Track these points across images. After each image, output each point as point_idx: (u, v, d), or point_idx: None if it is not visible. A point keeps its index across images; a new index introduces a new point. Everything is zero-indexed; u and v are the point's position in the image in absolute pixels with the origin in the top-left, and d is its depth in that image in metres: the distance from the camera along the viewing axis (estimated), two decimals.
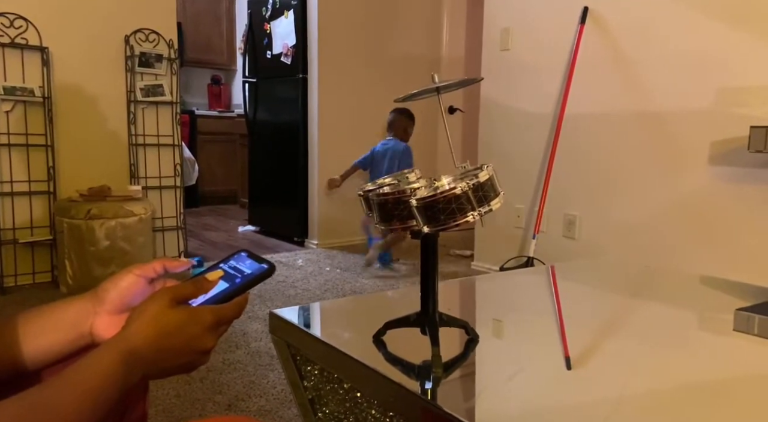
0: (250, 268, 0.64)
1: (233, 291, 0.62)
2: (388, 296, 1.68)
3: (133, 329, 0.56)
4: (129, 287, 0.63)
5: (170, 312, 0.57)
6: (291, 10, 3.97)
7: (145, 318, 0.56)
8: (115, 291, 0.62)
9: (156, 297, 0.58)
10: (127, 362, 0.54)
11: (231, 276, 0.63)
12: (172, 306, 0.57)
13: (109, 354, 0.54)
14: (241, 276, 0.63)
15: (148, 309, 0.57)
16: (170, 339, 0.56)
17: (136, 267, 0.64)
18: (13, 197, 2.86)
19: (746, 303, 1.20)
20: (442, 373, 0.82)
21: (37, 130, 2.89)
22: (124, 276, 0.63)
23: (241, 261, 0.65)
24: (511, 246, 3.23)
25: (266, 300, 2.74)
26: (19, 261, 2.90)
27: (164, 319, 0.56)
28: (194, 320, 0.57)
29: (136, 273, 0.63)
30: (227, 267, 0.64)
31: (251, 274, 0.63)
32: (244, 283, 0.62)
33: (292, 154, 4.12)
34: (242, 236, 4.41)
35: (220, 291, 0.62)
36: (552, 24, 2.99)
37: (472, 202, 0.76)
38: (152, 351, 0.56)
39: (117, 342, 0.55)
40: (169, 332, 0.56)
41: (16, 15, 2.79)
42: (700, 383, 0.84)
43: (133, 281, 0.63)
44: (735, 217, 2.33)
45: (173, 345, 0.56)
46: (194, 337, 0.57)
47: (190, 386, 1.82)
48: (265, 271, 0.63)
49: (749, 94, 2.25)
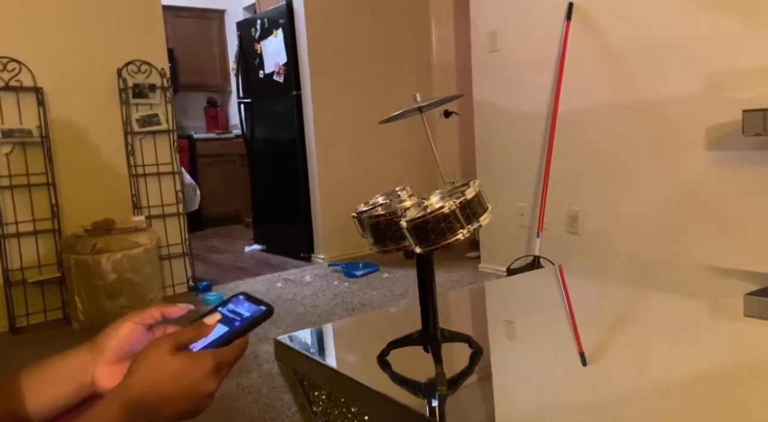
0: (249, 311, 0.64)
1: (233, 335, 0.62)
2: (390, 313, 1.69)
3: (135, 378, 0.57)
4: (127, 335, 0.63)
5: (171, 358, 0.58)
6: (279, 28, 4.00)
7: (146, 366, 0.57)
8: (114, 340, 0.63)
9: (156, 344, 0.59)
10: (130, 412, 0.55)
11: (230, 319, 0.64)
12: (172, 353, 0.58)
13: (111, 406, 0.54)
14: (240, 319, 0.64)
15: (149, 357, 0.58)
16: (172, 386, 0.57)
17: (134, 314, 0.64)
18: (19, 238, 2.88)
19: (753, 289, 1.19)
20: (447, 391, 0.83)
21: (38, 170, 2.92)
22: (123, 324, 0.64)
23: (240, 305, 0.65)
24: (516, 245, 3.23)
25: (276, 320, 2.75)
26: (30, 300, 2.92)
27: (165, 366, 0.57)
28: (195, 365, 0.58)
29: (134, 321, 0.64)
30: (226, 310, 0.65)
31: (250, 317, 0.64)
32: (243, 326, 0.63)
33: (292, 170, 4.14)
34: (249, 256, 4.43)
35: (219, 336, 0.62)
36: (539, 22, 3.00)
37: (460, 219, 0.77)
38: (154, 398, 0.56)
39: (119, 392, 0.56)
40: (171, 379, 0.57)
41: (8, 58, 2.83)
42: (718, 372, 0.84)
43: (132, 329, 0.64)
44: (735, 201, 2.33)
45: (175, 392, 0.57)
46: (196, 382, 0.58)
47: (206, 413, 1.82)
48: (263, 313, 0.64)
49: (739, 78, 2.25)
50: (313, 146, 3.97)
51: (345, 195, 3.95)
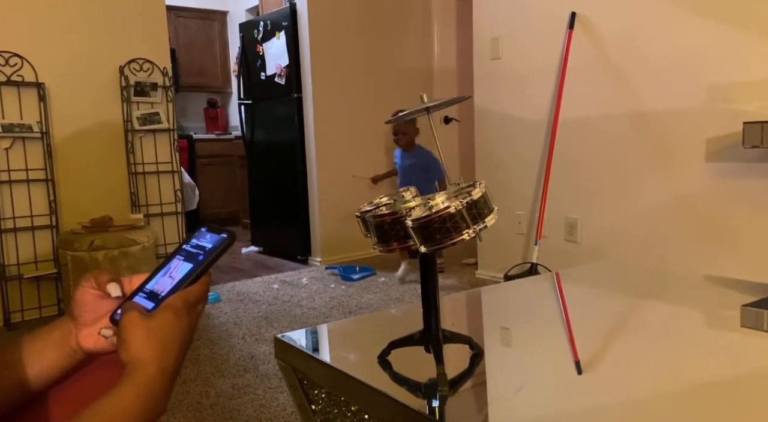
0: (211, 242, 0.65)
1: (198, 269, 0.63)
2: (392, 314, 1.69)
3: (133, 354, 0.57)
4: (82, 300, 0.65)
5: (146, 322, 0.59)
6: (282, 31, 4.01)
7: (132, 340, 0.58)
8: (76, 306, 0.65)
9: (127, 318, 0.59)
10: (148, 388, 0.56)
11: (193, 255, 0.65)
12: (144, 316, 0.59)
13: (129, 394, 0.55)
14: (203, 252, 0.64)
15: (128, 329, 0.58)
16: (165, 340, 0.58)
17: (85, 278, 0.66)
18: (16, 233, 2.87)
19: (750, 300, 1.20)
20: (448, 391, 0.83)
21: (37, 165, 2.91)
22: (77, 291, 0.66)
23: (202, 238, 0.66)
24: (514, 252, 3.23)
25: (273, 321, 2.74)
26: (25, 296, 2.91)
27: (150, 329, 0.58)
28: (165, 315, 0.59)
29: (83, 285, 0.66)
30: (189, 247, 0.66)
31: (212, 248, 0.64)
32: (206, 259, 0.64)
33: (291, 173, 4.14)
34: (246, 257, 4.42)
35: (185, 274, 0.63)
36: (541, 31, 3.02)
37: (466, 219, 0.77)
38: (157, 359, 0.57)
39: (131, 378, 0.56)
40: (160, 337, 0.58)
41: (11, 53, 2.83)
42: (714, 382, 0.84)
43: (82, 293, 0.65)
44: (734, 213, 2.34)
45: (170, 341, 0.59)
46: (172, 327, 0.59)
47: (201, 413, 1.82)
48: (224, 241, 0.64)
49: (740, 90, 2.26)
50: (313, 149, 3.97)
51: (343, 198, 3.95)
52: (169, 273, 0.65)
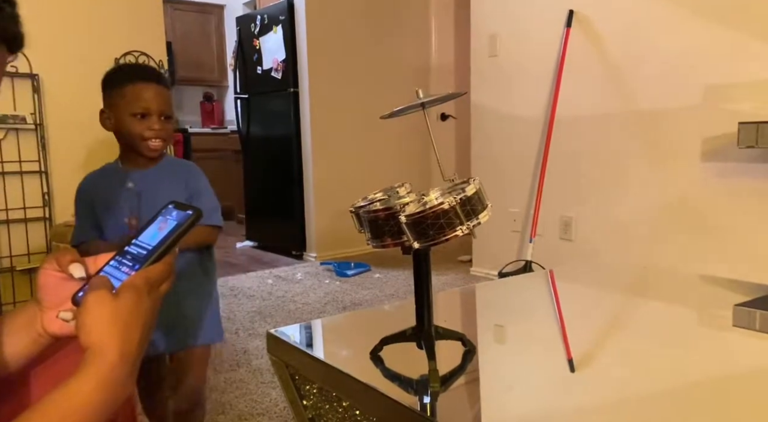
0: (176, 219, 0.65)
1: (164, 247, 0.62)
2: (385, 310, 1.68)
3: (94, 339, 0.55)
4: (45, 283, 0.64)
5: (112, 301, 0.57)
6: (279, 25, 3.99)
7: (95, 323, 0.56)
8: (39, 289, 0.65)
9: (93, 299, 0.57)
10: (110, 374, 0.55)
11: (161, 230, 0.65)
12: (111, 296, 0.58)
13: (88, 383, 0.54)
14: (169, 229, 0.64)
15: (90, 311, 0.57)
16: (128, 322, 0.57)
17: (46, 260, 0.65)
18: (8, 225, 2.85)
19: (743, 299, 1.20)
20: (439, 387, 0.82)
21: (31, 157, 2.89)
22: (39, 272, 0.65)
23: (169, 214, 0.66)
24: (508, 250, 3.24)
25: (266, 316, 2.74)
26: (18, 288, 2.89)
27: (115, 308, 0.57)
28: (135, 294, 0.58)
29: (45, 267, 0.65)
30: (157, 223, 0.66)
31: (177, 225, 0.64)
32: (172, 235, 0.63)
33: (287, 168, 4.13)
34: (240, 252, 4.41)
35: (153, 247, 0.62)
36: (538, 28, 3.01)
37: (460, 216, 0.76)
38: (119, 343, 0.56)
39: (90, 366, 0.54)
40: (123, 319, 0.56)
41: None
42: (706, 381, 0.84)
43: (44, 275, 0.65)
44: (728, 212, 2.34)
45: (133, 324, 0.57)
46: (140, 308, 0.58)
47: None
48: (189, 217, 0.64)
49: (736, 90, 2.26)
50: (309, 144, 3.96)
51: (339, 194, 3.95)
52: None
